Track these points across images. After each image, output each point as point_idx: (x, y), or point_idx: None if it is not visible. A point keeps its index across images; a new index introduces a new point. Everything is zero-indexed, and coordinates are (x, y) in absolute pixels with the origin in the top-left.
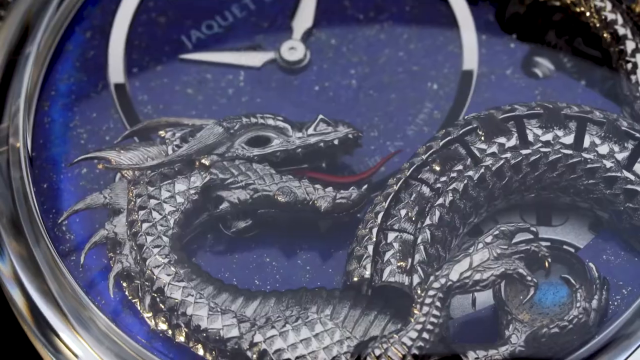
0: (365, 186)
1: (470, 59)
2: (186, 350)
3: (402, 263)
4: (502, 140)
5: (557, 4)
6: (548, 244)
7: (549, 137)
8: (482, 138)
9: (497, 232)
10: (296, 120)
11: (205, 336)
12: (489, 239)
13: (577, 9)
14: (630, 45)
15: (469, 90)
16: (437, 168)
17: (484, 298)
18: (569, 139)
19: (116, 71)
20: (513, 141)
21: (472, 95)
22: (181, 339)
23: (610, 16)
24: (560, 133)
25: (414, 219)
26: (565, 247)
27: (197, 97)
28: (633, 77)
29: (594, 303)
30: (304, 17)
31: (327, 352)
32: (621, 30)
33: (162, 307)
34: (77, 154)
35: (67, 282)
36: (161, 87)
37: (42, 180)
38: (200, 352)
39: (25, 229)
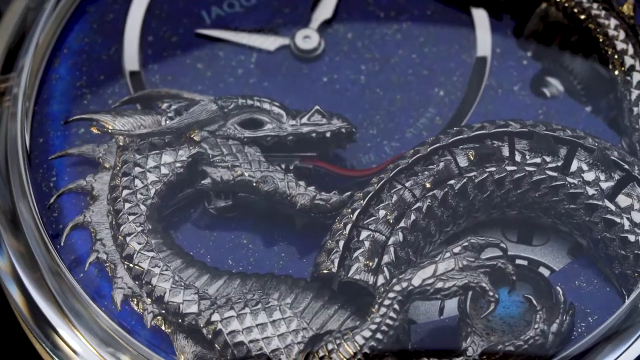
0: (348, 193)
1: (481, 70)
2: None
3: (369, 262)
4: (490, 154)
5: (575, 24)
6: (525, 262)
7: (537, 158)
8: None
9: (466, 243)
10: (296, 108)
11: (165, 308)
12: (457, 250)
13: (593, 35)
14: (636, 77)
15: (474, 100)
16: (421, 173)
17: (452, 307)
18: (556, 162)
19: (131, 37)
20: (501, 156)
21: (475, 106)
22: (143, 310)
23: (621, 45)
24: (548, 155)
25: (391, 221)
26: (541, 267)
27: (206, 72)
28: (635, 109)
29: (554, 327)
30: (325, 7)
31: (281, 339)
32: (629, 61)
33: (129, 274)
34: (78, 114)
35: (67, 279)
36: (173, 58)
37: (39, 134)
38: (160, 322)
39: (24, 226)
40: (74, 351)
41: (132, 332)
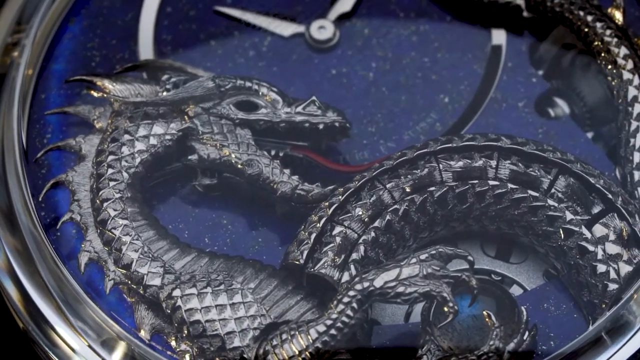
0: (331, 187)
1: (489, 83)
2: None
3: (336, 258)
4: (474, 166)
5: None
6: (499, 278)
7: (519, 175)
8: (455, 159)
9: (434, 251)
10: (300, 97)
11: (130, 277)
12: (424, 256)
13: (602, 61)
14: (637, 109)
15: (477, 111)
16: (403, 177)
17: (419, 313)
18: (539, 183)
19: (150, 5)
20: (485, 170)
21: (477, 117)
22: (109, 273)
23: (627, 75)
24: (533, 175)
25: (365, 220)
26: (515, 285)
27: (217, 50)
28: (632, 140)
29: (511, 346)
30: (345, 1)
31: (238, 323)
32: (633, 92)
33: (100, 239)
34: (82, 74)
35: (64, 276)
36: (188, 32)
37: (42, 90)
38: (125, 291)
39: (20, 222)
40: (72, 349)
41: (130, 331)
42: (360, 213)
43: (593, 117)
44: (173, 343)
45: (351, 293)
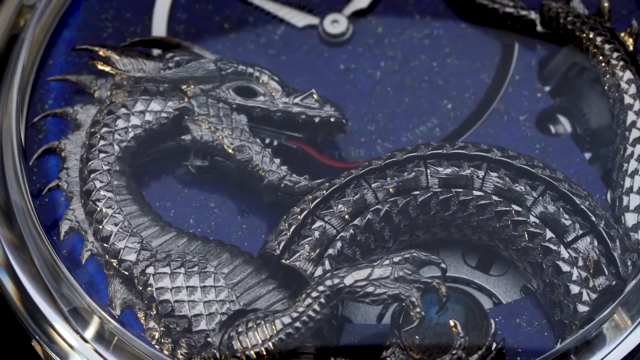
0: (319, 181)
1: (494, 93)
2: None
3: (312, 252)
4: (462, 175)
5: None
6: (474, 286)
7: (505, 189)
8: (445, 166)
9: (408, 255)
10: (305, 89)
11: (107, 250)
12: (397, 259)
13: (605, 83)
14: (634, 134)
15: (478, 121)
16: (390, 178)
17: None
18: (524, 198)
19: None
20: (472, 179)
21: (477, 127)
22: (87, 244)
23: (628, 100)
24: (518, 189)
25: (346, 217)
26: (492, 297)
27: (230, 34)
28: (625, 165)
29: (474, 357)
30: None
31: (206, 306)
32: (631, 117)
33: (83, 209)
34: (92, 44)
35: (43, 243)
36: (203, 12)
37: (50, 57)
38: (102, 263)
39: (18, 218)
40: (70, 346)
41: (130, 329)
42: (342, 210)
43: (594, 139)
44: (142, 320)
45: (320, 288)
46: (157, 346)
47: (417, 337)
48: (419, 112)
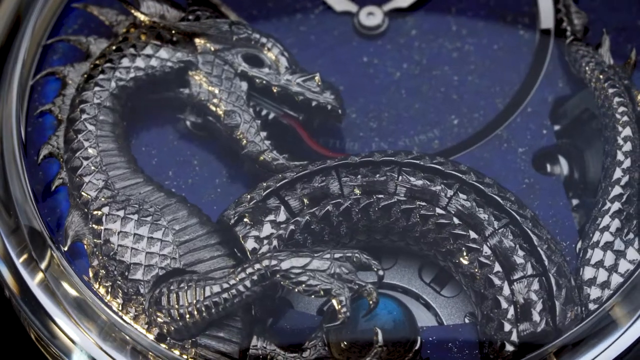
0: (297, 162)
1: (502, 119)
2: None
3: (263, 229)
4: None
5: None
6: (422, 302)
7: (468, 213)
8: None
9: (350, 254)
10: (324, 72)
11: (72, 181)
12: (338, 255)
13: (605, 137)
14: (615, 191)
15: (477, 143)
16: (361, 176)
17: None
18: (484, 227)
19: None
20: (439, 196)
21: (474, 148)
22: (62, 172)
23: (620, 156)
24: (481, 217)
25: (306, 203)
26: (436, 317)
27: (268, 2)
28: (599, 219)
29: None
30: None
31: (148, 257)
32: (618, 173)
33: (64, 136)
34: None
35: (21, 169)
36: None
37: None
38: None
39: (19, 212)
40: (72, 341)
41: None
42: (304, 194)
43: (587, 187)
44: (90, 256)
45: (257, 266)
46: (95, 285)
47: (340, 336)
48: (424, 120)
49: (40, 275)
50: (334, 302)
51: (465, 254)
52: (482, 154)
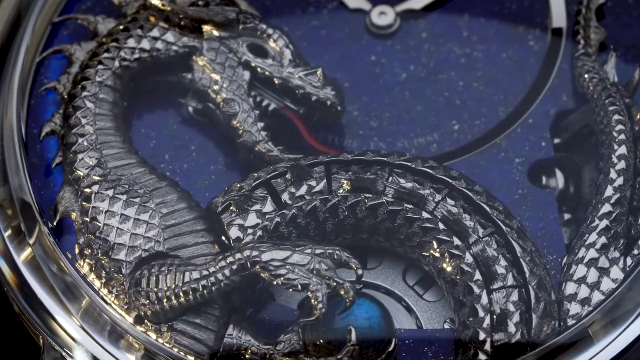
0: (291, 156)
1: (503, 128)
2: None
3: (249, 219)
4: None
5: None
6: (403, 305)
7: (453, 219)
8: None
9: (331, 251)
10: (330, 68)
11: (66, 157)
12: (319, 251)
13: (601, 154)
14: (605, 209)
15: (475, 150)
16: (352, 173)
17: None
18: (468, 235)
19: None
20: (426, 201)
21: (472, 155)
22: (60, 151)
23: (612, 175)
24: (467, 224)
25: (295, 196)
26: (417, 321)
27: None
28: (586, 236)
29: None
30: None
31: (132, 238)
32: (609, 191)
33: (64, 112)
34: None
35: (19, 150)
36: None
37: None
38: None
39: (19, 209)
40: (73, 339)
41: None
42: (293, 190)
43: (580, 203)
44: (77, 233)
45: (238, 256)
46: (80, 262)
47: (315, 332)
48: (425, 124)
49: (28, 250)
50: (311, 297)
51: (447, 259)
52: (479, 162)
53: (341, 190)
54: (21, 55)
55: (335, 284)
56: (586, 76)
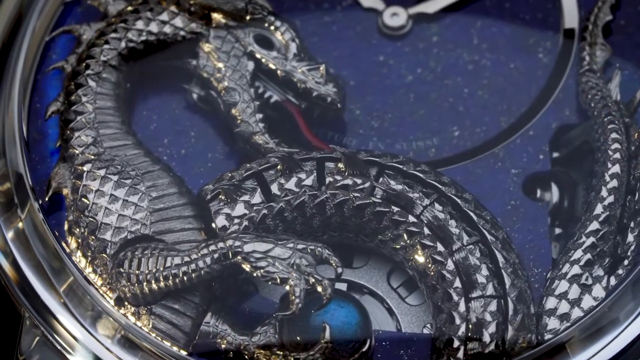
0: (286, 149)
1: (502, 138)
2: None
3: (236, 209)
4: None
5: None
6: (385, 306)
7: (438, 225)
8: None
9: (313, 247)
10: (337, 64)
11: (63, 133)
12: (301, 246)
13: (595, 171)
14: (592, 226)
15: (472, 158)
16: (341, 172)
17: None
18: (452, 241)
19: None
20: (414, 204)
21: (468, 162)
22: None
23: (603, 192)
24: (452, 231)
25: (284, 189)
26: (396, 323)
27: None
28: (572, 251)
29: None
30: (433, 3)
31: (119, 219)
32: (599, 209)
33: (64, 91)
34: None
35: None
36: None
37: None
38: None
39: (13, 182)
40: (73, 336)
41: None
42: (282, 182)
43: (572, 219)
44: (67, 210)
45: (220, 244)
46: (68, 238)
47: (290, 326)
48: (425, 127)
49: (19, 224)
50: (289, 292)
51: (429, 264)
52: (475, 169)
53: (330, 187)
54: (27, 36)
55: (313, 280)
56: (589, 92)
